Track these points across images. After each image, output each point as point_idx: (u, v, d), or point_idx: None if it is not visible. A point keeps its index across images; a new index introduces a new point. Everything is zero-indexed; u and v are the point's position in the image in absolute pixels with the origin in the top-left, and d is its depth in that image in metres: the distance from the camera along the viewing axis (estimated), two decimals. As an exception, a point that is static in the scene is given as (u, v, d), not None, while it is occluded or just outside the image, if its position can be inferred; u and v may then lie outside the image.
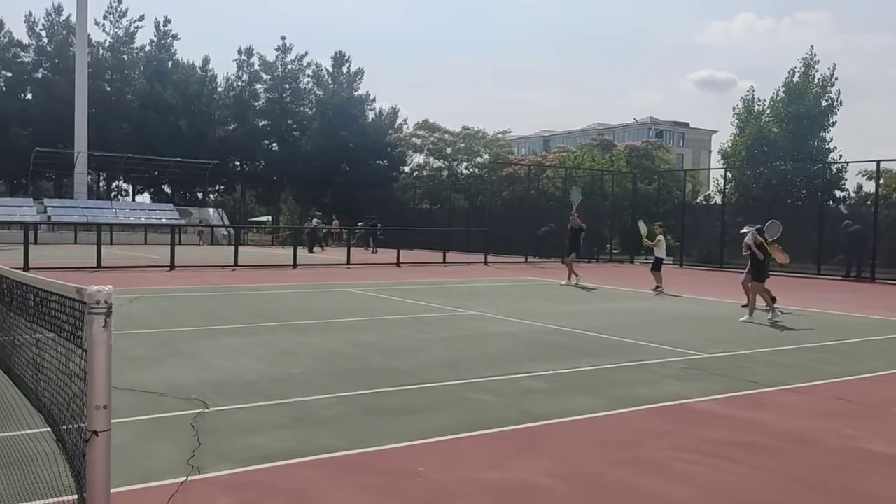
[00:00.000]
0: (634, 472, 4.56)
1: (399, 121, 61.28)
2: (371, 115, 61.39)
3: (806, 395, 6.78)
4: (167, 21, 58.89)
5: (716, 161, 40.04)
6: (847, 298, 16.42)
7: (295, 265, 22.77)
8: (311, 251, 32.31)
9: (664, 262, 17.34)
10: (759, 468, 4.69)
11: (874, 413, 6.22)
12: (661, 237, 17.18)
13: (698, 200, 37.82)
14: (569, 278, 18.53)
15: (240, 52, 60.11)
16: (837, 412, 6.21)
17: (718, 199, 31.10)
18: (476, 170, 50.11)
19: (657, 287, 16.55)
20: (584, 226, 19.66)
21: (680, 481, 4.42)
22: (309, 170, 56.66)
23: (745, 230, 13.35)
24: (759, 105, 32.86)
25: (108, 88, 56.05)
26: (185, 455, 4.59)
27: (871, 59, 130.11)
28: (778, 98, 32.00)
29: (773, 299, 12.47)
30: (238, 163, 60.97)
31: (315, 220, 36.22)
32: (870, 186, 27.45)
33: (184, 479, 4.20)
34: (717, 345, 9.41)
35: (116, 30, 57.25)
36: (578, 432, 5.45)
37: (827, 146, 31.70)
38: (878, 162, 24.16)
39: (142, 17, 57.97)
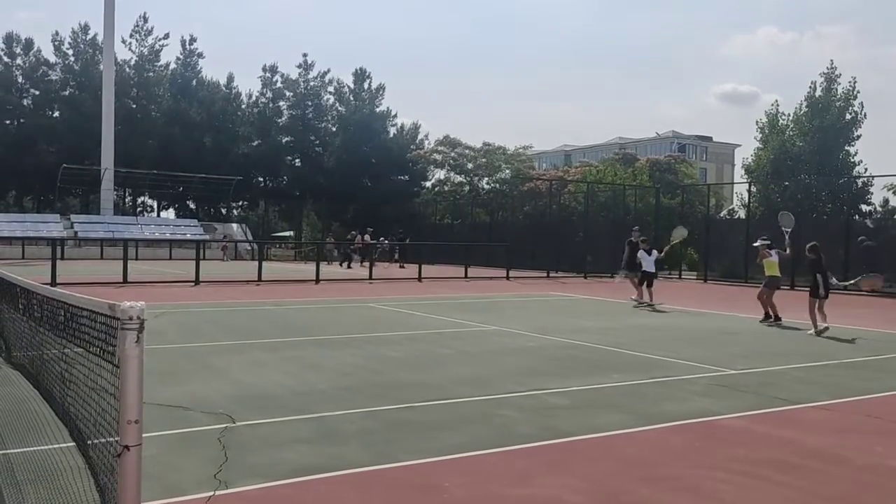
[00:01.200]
0: (662, 490, 4.52)
1: (420, 136, 61.68)
2: (392, 130, 61.78)
3: (835, 412, 6.69)
4: (192, 40, 59.85)
5: (739, 175, 39.79)
6: (876, 314, 16.18)
7: (318, 280, 22.88)
8: (349, 266, 32.85)
9: (654, 276, 16.94)
10: (789, 486, 4.63)
11: (906, 431, 6.12)
12: (641, 252, 16.77)
13: (722, 215, 37.51)
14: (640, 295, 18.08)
15: (264, 69, 60.92)
16: (867, 429, 6.11)
17: (742, 214, 30.84)
18: (497, 185, 50.14)
19: (637, 299, 16.53)
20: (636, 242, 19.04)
21: (709, 500, 4.38)
22: (331, 185, 57.05)
23: (758, 243, 14.12)
24: (783, 119, 32.62)
25: (134, 106, 56.93)
26: (213, 469, 4.62)
27: (894, 71, 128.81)
28: (801, 112, 31.74)
29: (771, 316, 13.39)
30: (261, 179, 61.53)
31: (366, 237, 36.55)
32: (896, 201, 27.10)
33: (211, 493, 4.23)
34: (743, 361, 9.31)
35: (142, 48, 58.25)
36: (604, 449, 5.41)
37: (852, 160, 31.38)
38: (905, 176, 23.83)
39: (167, 36, 58.99)
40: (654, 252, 16.90)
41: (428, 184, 55.56)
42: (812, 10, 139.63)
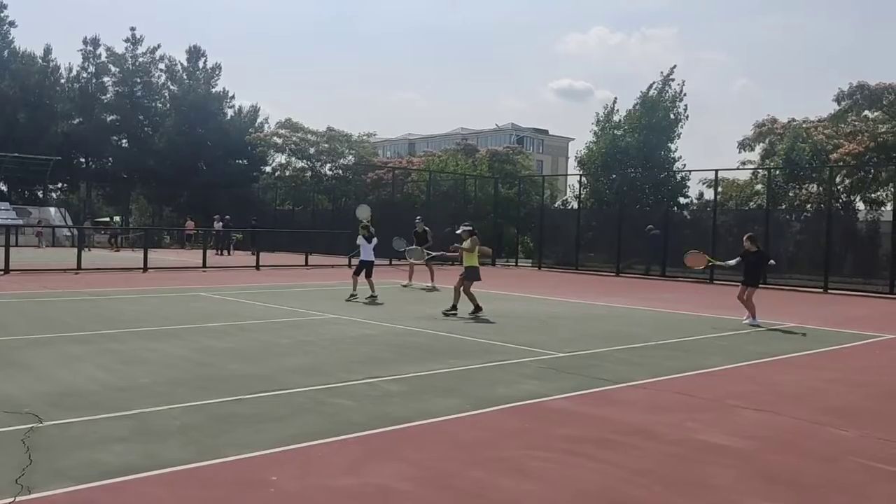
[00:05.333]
0: (490, 471, 4.61)
1: (260, 119, 59.55)
2: (230, 112, 59.22)
3: (651, 391, 7.14)
4: (3, 6, 54.45)
5: (573, 167, 41.67)
6: (687, 297, 17.50)
7: (146, 268, 21.63)
8: (220, 253, 33.08)
9: (374, 264, 15.78)
10: (608, 462, 4.87)
11: (712, 406, 6.63)
12: (361, 238, 15.64)
13: (556, 205, 39.20)
14: (410, 279, 18.86)
15: (85, 42, 56.36)
16: (679, 406, 6.57)
17: (575, 204, 32.36)
18: (340, 171, 49.59)
19: (353, 295, 14.92)
20: (427, 229, 19.68)
21: (533, 478, 4.52)
22: (162, 168, 54.00)
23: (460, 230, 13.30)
24: (616, 115, 34.34)
25: (-65, 77, 51.14)
26: (14, 474, 4.23)
27: (710, 74, 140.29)
28: (635, 110, 33.56)
29: (480, 307, 12.50)
30: (83, 160, 57.22)
31: (219, 224, 36.11)
32: (710, 194, 29.44)
33: (11, 499, 3.87)
34: (571, 344, 9.75)
35: (-55, 14, 52.37)
36: (437, 434, 5.45)
37: (672, 156, 33.66)
38: (717, 171, 25.98)
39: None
40: (375, 240, 15.75)
41: (268, 168, 53.99)
42: (639, 13, 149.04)
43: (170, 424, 5.42)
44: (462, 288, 12.85)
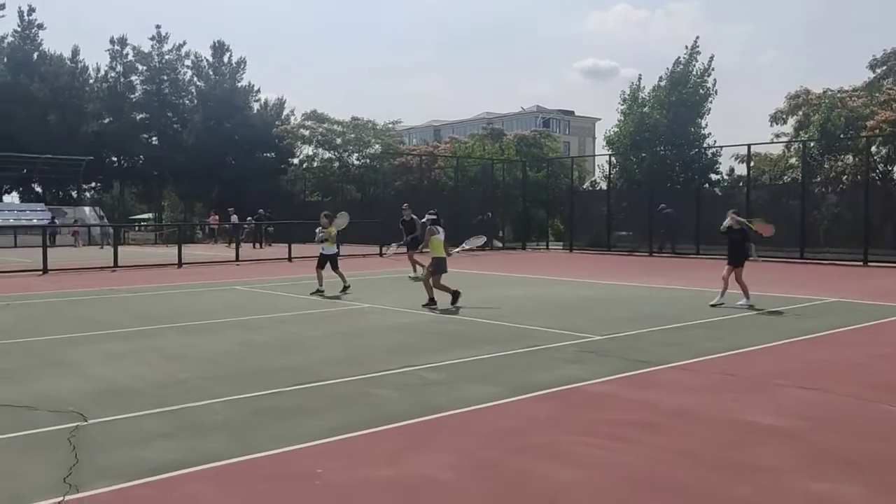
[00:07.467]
0: (533, 458, 4.57)
1: (286, 112, 59.84)
2: (256, 106, 59.61)
3: (693, 372, 7.03)
4: (31, 10, 55.24)
5: (600, 147, 41.19)
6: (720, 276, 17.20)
7: (180, 264, 21.87)
8: (255, 245, 33.56)
9: (339, 256, 14.94)
10: (652, 446, 4.80)
11: (757, 386, 6.51)
12: (332, 229, 14.65)
13: (585, 186, 38.83)
14: (414, 270, 17.47)
15: (112, 41, 57.04)
16: (723, 387, 6.46)
17: (604, 185, 32.01)
18: (367, 160, 49.66)
19: (318, 290, 14.01)
20: (415, 217, 18.01)
21: (577, 464, 4.47)
22: (192, 164, 54.52)
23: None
24: (642, 93, 33.80)
25: (-33, 82, 52.03)
26: (61, 473, 4.27)
27: (737, 46, 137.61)
28: (661, 86, 33.01)
29: (435, 298, 11.82)
30: (115, 158, 57.98)
31: (235, 217, 36.21)
32: (741, 169, 28.94)
33: (60, 499, 3.90)
34: (608, 326, 9.65)
35: (-26, 19, 53.20)
36: (477, 422, 5.42)
37: (702, 132, 33.10)
38: (749, 146, 25.53)
39: (3, 6, 54.00)
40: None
41: (295, 160, 54.26)
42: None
43: (212, 419, 5.45)
44: (426, 277, 12.28)
